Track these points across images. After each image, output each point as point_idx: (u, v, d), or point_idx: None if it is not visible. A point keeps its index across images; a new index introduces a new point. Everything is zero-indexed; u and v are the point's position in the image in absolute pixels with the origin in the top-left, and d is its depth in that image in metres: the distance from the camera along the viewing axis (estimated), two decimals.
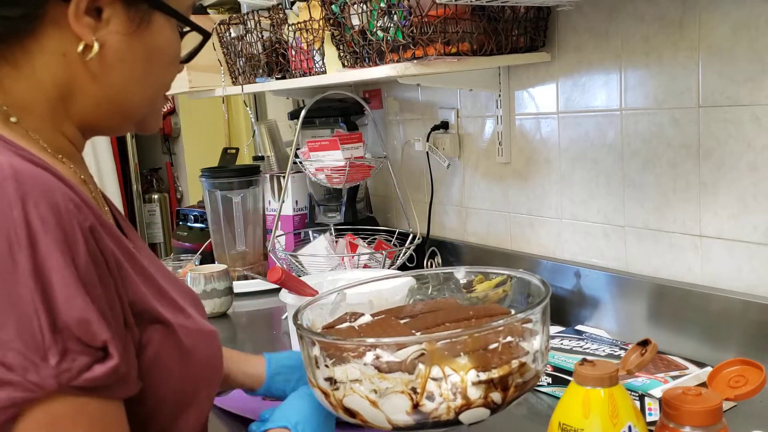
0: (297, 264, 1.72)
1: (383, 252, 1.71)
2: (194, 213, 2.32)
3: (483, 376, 0.69)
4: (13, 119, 0.69)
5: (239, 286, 1.81)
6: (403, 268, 1.72)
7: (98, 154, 3.17)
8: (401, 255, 1.72)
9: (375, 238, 1.84)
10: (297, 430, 0.81)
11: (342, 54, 1.42)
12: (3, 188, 0.58)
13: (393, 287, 0.97)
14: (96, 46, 0.67)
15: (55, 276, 0.57)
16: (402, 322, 0.83)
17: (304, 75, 1.62)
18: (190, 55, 0.81)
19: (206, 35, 0.80)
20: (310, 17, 1.51)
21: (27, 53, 0.68)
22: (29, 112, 0.70)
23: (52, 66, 0.68)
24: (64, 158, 0.73)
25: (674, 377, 1.00)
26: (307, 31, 1.54)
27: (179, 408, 0.72)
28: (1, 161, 0.60)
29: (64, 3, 0.65)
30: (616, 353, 1.11)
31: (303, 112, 1.73)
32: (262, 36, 1.74)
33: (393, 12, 1.23)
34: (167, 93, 0.81)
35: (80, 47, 0.67)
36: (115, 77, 0.70)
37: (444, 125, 1.73)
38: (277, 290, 1.25)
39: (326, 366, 0.73)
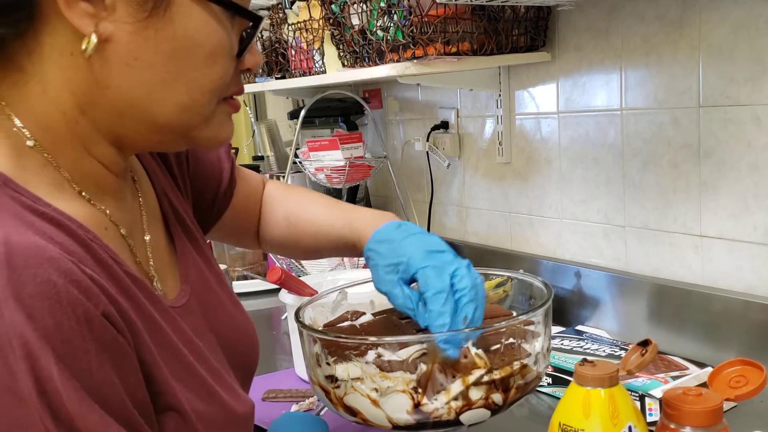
0: (297, 264, 1.72)
1: None
2: None
3: (484, 377, 0.69)
4: (29, 143, 0.58)
5: (239, 286, 1.81)
6: None
7: None
8: None
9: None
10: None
11: (342, 54, 1.42)
12: None
13: None
14: (93, 39, 0.55)
15: (63, 390, 0.48)
16: (403, 321, 0.83)
17: (304, 75, 1.62)
18: (242, 45, 0.63)
19: (256, 19, 0.63)
20: (310, 17, 1.51)
21: (31, 56, 0.57)
22: (47, 130, 0.58)
23: (61, 69, 0.57)
24: (87, 194, 0.61)
25: (675, 377, 1.00)
26: (306, 30, 1.54)
27: None
28: None
29: None
30: (617, 353, 1.11)
31: (303, 112, 1.73)
32: (262, 36, 1.74)
33: (393, 12, 1.23)
34: (232, 95, 0.65)
35: (84, 44, 0.56)
36: (131, 80, 0.58)
37: (444, 125, 1.73)
38: (277, 290, 1.25)
39: (327, 364, 0.73)
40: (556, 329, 1.28)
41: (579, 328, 1.31)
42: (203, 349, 0.66)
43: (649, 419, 0.93)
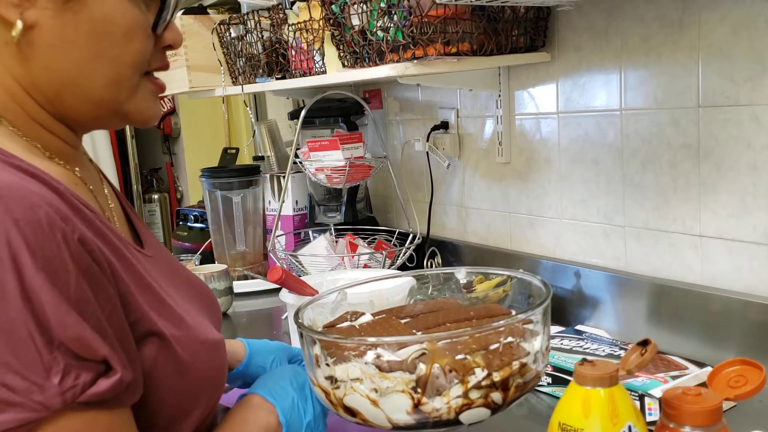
0: (297, 264, 1.72)
1: (383, 252, 1.71)
2: (194, 213, 2.32)
3: (484, 377, 0.69)
4: None
5: (239, 286, 1.81)
6: (403, 268, 1.72)
7: (98, 154, 3.16)
8: (401, 255, 1.72)
9: (375, 238, 1.84)
10: (275, 400, 0.81)
11: (342, 54, 1.42)
12: None
13: (394, 287, 0.97)
14: (19, 25, 0.62)
15: (44, 296, 0.55)
16: (403, 321, 0.83)
17: (304, 75, 1.62)
18: (155, 23, 0.70)
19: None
20: (310, 17, 1.51)
21: None
22: (6, 109, 0.66)
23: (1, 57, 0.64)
24: (56, 157, 0.69)
25: (674, 377, 1.00)
26: (307, 31, 1.54)
27: (175, 419, 0.70)
28: None
29: None
30: (616, 353, 1.11)
31: (303, 112, 1.73)
32: (262, 36, 1.74)
33: (393, 12, 1.23)
34: (156, 69, 0.72)
35: (13, 31, 0.62)
36: (58, 59, 0.65)
37: (444, 125, 1.73)
38: (277, 290, 1.26)
39: (327, 365, 0.73)
40: (555, 329, 1.28)
41: (579, 327, 1.31)
42: (169, 288, 0.73)
43: (649, 419, 0.93)
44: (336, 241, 1.79)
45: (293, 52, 1.64)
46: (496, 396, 0.70)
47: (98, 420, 0.59)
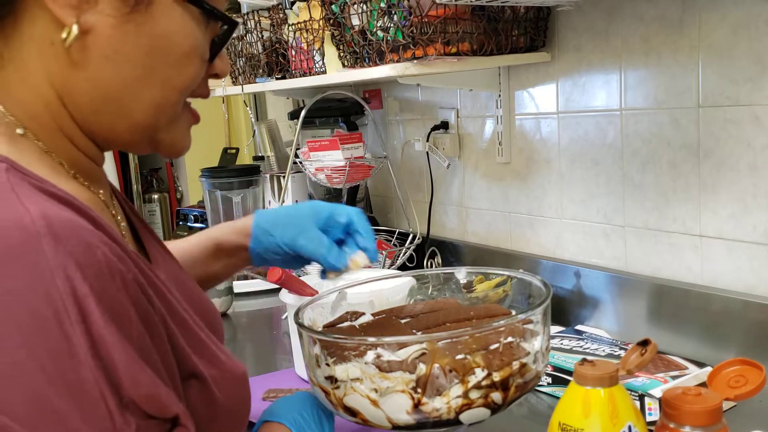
0: None
1: (383, 252, 1.71)
2: (194, 213, 2.32)
3: (484, 377, 0.69)
4: (19, 131, 0.59)
5: (239, 286, 1.81)
6: (403, 268, 1.72)
7: None
8: (401, 255, 1.72)
9: (375, 238, 1.84)
10: (293, 427, 0.78)
11: (342, 54, 1.42)
12: (40, 250, 0.48)
13: (394, 287, 0.97)
14: (74, 30, 0.56)
15: (115, 351, 0.50)
16: (403, 321, 0.83)
17: (304, 75, 1.62)
18: (214, 49, 0.65)
19: (232, 24, 0.65)
20: (310, 17, 1.51)
21: (10, 42, 0.58)
22: (33, 119, 0.60)
23: (40, 58, 0.58)
24: (81, 177, 0.63)
25: (674, 377, 1.00)
26: (307, 31, 1.54)
27: None
28: (30, 211, 0.50)
29: None
30: (616, 353, 1.11)
31: (303, 112, 1.73)
32: (262, 36, 1.74)
33: (393, 12, 1.23)
34: (197, 96, 0.67)
35: (65, 33, 0.56)
36: (108, 72, 0.59)
37: (444, 125, 1.73)
38: (277, 290, 1.25)
39: (327, 365, 0.73)
40: (555, 329, 1.28)
41: (579, 327, 1.31)
42: (193, 316, 0.68)
43: (649, 419, 0.93)
44: None
45: (293, 52, 1.64)
46: (496, 396, 0.70)
47: None
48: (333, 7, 1.35)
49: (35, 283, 0.48)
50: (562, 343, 1.17)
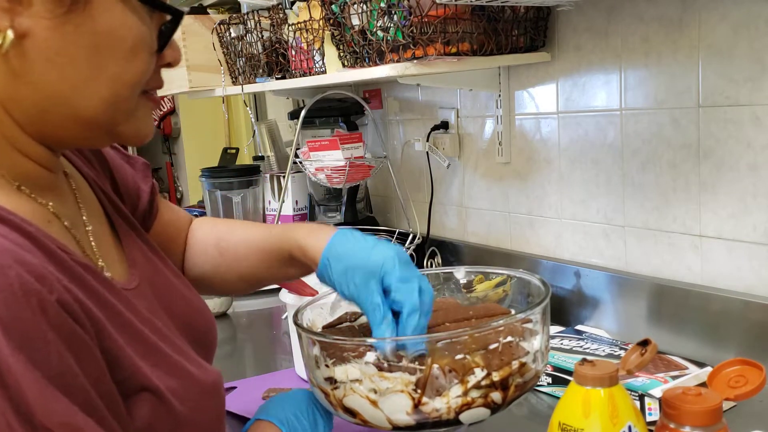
0: None
1: None
2: (194, 213, 2.32)
3: (483, 376, 0.69)
4: None
5: None
6: None
7: None
8: None
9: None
10: (284, 426, 0.77)
11: (342, 54, 1.42)
12: None
13: None
14: (10, 34, 0.54)
15: (23, 380, 0.47)
16: None
17: (304, 75, 1.62)
18: (161, 40, 0.63)
19: (176, 14, 0.64)
20: (310, 17, 1.51)
21: None
22: None
23: None
24: (27, 188, 0.61)
25: (674, 377, 1.00)
26: (307, 31, 1.54)
27: None
28: None
29: None
30: (616, 353, 1.11)
31: (303, 112, 1.73)
32: (262, 36, 1.74)
33: (393, 12, 1.23)
34: (157, 92, 0.67)
35: (0, 39, 0.54)
36: (51, 75, 0.57)
37: (444, 125, 1.73)
38: (277, 290, 1.25)
39: (326, 366, 0.73)
40: (555, 329, 1.28)
41: (579, 327, 1.31)
42: (162, 327, 0.66)
43: (649, 419, 0.93)
44: None
45: (293, 52, 1.64)
46: (496, 396, 0.70)
47: None
48: (333, 7, 1.35)
49: None
50: (562, 343, 1.17)
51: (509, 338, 0.72)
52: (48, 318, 0.50)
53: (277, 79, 1.74)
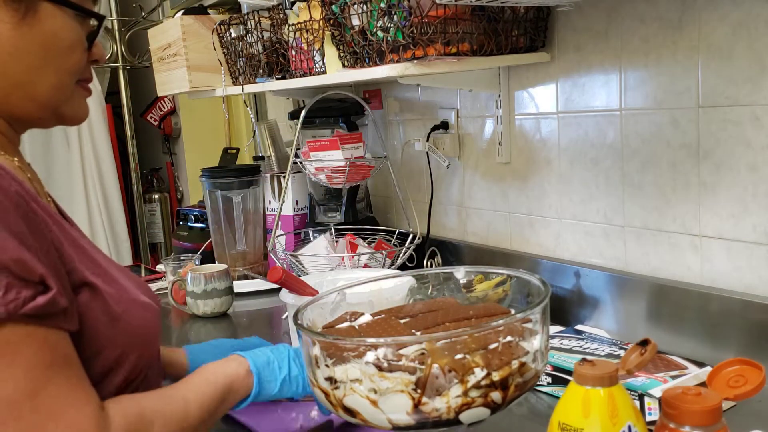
0: (297, 264, 1.72)
1: (383, 252, 1.71)
2: (194, 213, 2.32)
3: (483, 376, 0.69)
4: None
5: (239, 286, 1.81)
6: (403, 268, 1.72)
7: (98, 154, 3.16)
8: (401, 255, 1.72)
9: (375, 238, 1.84)
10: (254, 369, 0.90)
11: (342, 54, 1.42)
12: None
13: (393, 287, 0.97)
14: None
15: None
16: (402, 321, 0.83)
17: (304, 75, 1.62)
18: (90, 40, 0.83)
19: (100, 19, 0.84)
20: (310, 17, 1.51)
21: None
22: None
23: None
24: None
25: (674, 377, 1.00)
26: (307, 31, 1.54)
27: (107, 370, 0.77)
28: None
29: None
30: (616, 353, 1.11)
31: (303, 112, 1.73)
32: (263, 36, 1.74)
33: (393, 12, 1.23)
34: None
35: None
36: (15, 66, 0.77)
37: (444, 125, 1.73)
38: (277, 290, 1.26)
39: (326, 366, 0.73)
40: (555, 329, 1.28)
41: (578, 327, 1.31)
42: (104, 261, 0.81)
43: (649, 418, 0.93)
44: (336, 241, 1.79)
45: (293, 52, 1.64)
46: (496, 395, 0.70)
47: (37, 334, 0.68)
48: (333, 7, 1.35)
49: None
50: (561, 343, 1.17)
51: (509, 338, 0.72)
52: (9, 197, 0.68)
53: (277, 79, 1.74)
